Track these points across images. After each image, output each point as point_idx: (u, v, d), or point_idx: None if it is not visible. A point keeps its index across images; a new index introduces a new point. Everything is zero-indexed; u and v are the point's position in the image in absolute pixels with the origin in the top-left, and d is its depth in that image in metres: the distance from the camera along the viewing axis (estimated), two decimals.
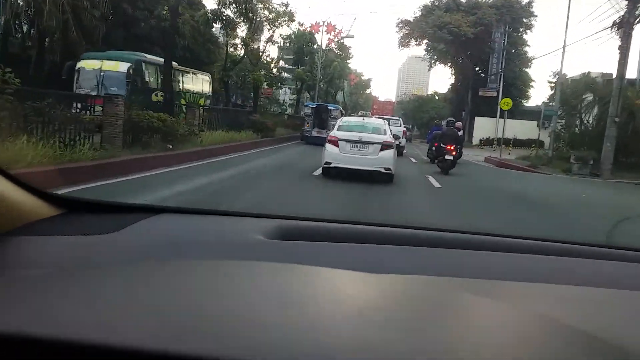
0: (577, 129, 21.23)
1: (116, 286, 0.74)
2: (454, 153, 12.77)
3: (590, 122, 20.78)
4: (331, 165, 9.62)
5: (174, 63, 16.73)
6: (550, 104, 24.72)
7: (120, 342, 0.51)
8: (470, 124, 42.28)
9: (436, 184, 10.65)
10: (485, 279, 1.03)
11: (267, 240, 1.17)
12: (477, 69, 42.93)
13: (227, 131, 15.26)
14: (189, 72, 21.74)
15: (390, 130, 11.11)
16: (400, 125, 22.66)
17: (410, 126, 65.83)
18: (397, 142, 11.63)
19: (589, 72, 22.64)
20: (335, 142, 9.73)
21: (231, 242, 1.21)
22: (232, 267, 0.92)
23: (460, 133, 14.01)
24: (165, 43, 17.67)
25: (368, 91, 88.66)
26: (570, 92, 21.10)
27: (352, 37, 46.57)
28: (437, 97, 68.50)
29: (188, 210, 1.47)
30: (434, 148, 15.18)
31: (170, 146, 11.15)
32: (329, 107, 24.53)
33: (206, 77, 23.62)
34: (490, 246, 1.30)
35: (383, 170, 9.52)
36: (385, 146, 9.65)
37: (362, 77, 73.66)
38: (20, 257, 1.01)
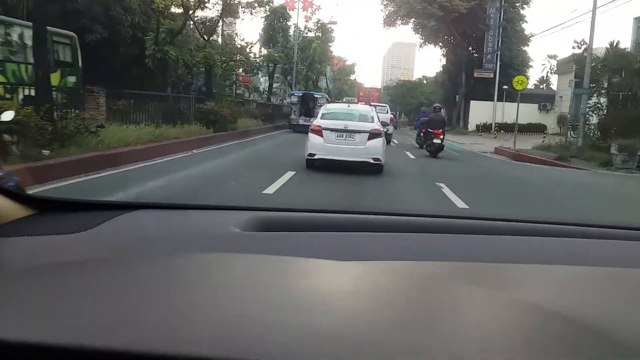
0: (604, 111, 17.33)
1: (90, 285, 0.73)
2: (442, 137, 13.68)
3: (621, 102, 16.91)
4: (315, 157, 8.85)
5: None
6: (571, 81, 20.75)
7: (91, 342, 0.51)
8: (465, 109, 38.56)
9: (461, 204, 6.64)
10: (468, 262, 1.03)
11: (243, 232, 1.17)
12: (471, 48, 39.06)
13: (157, 126, 11.13)
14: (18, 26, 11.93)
15: (378, 118, 10.14)
16: (387, 112, 22.35)
17: (397, 112, 62.82)
18: (384, 130, 10.58)
19: (617, 43, 18.73)
20: (318, 132, 8.97)
21: (207, 235, 1.20)
22: (208, 260, 0.91)
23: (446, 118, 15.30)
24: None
25: (352, 77, 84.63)
26: (599, 68, 17.12)
27: (334, 23, 44.78)
28: (425, 82, 64.71)
29: (164, 205, 1.48)
30: (422, 134, 15.71)
31: (47, 152, 7.41)
32: (315, 95, 24.93)
33: (64, 39, 13.66)
34: (472, 229, 1.32)
35: (372, 161, 8.82)
36: (373, 135, 8.94)
37: (346, 62, 69.36)
38: None
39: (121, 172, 7.74)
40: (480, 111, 36.75)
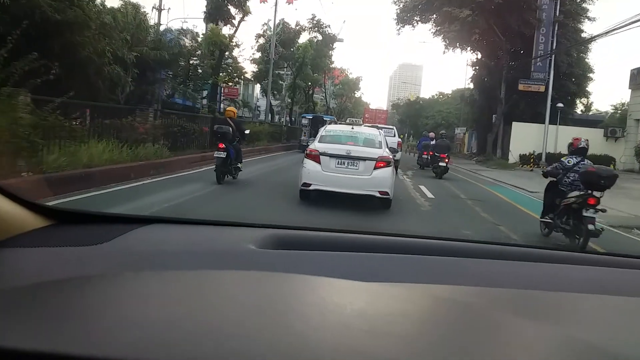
0: None
1: (106, 297, 0.74)
2: (447, 161, 15.55)
3: None
4: (310, 188, 7.34)
5: None
6: None
7: (109, 353, 0.52)
8: (505, 133, 28.63)
9: None
10: (480, 287, 1.03)
11: (258, 249, 1.17)
12: (514, 51, 29.26)
13: None
14: None
15: (387, 143, 8.31)
16: (395, 136, 19.71)
17: (405, 135, 54.23)
18: (392, 157, 8.49)
19: None
20: (315, 157, 7.44)
21: (222, 251, 1.20)
22: (223, 276, 0.92)
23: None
24: None
25: (357, 94, 75.18)
26: None
27: (341, 40, 42.31)
28: (442, 99, 55.21)
29: (179, 220, 1.49)
30: (424, 156, 18.71)
31: None
32: (324, 118, 25.61)
33: None
34: (482, 254, 1.33)
35: (378, 195, 7.28)
36: (381, 163, 7.37)
37: (349, 75, 59.89)
38: (8, 270, 1.00)
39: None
40: (525, 136, 26.92)
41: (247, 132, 10.64)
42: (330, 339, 0.60)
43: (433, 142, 17.55)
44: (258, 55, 31.97)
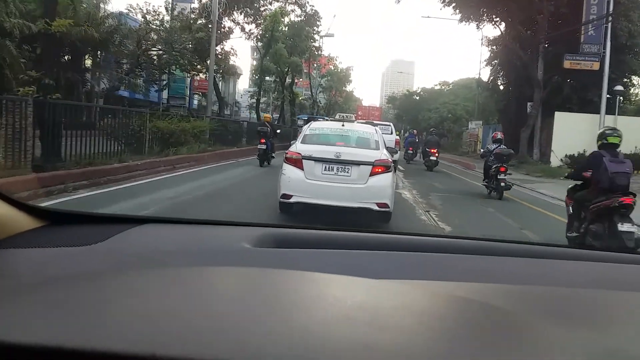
0: None
1: (100, 295, 0.74)
2: (437, 155, 17.65)
3: None
4: (291, 200, 5.87)
5: None
6: None
7: (106, 346, 0.53)
8: (544, 127, 21.47)
9: None
10: (472, 282, 1.03)
11: (253, 248, 1.17)
12: (555, 15, 21.94)
13: None
14: None
15: (385, 143, 6.77)
16: (392, 133, 17.96)
17: (402, 132, 48.02)
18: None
19: None
20: (297, 162, 5.91)
21: (217, 250, 1.20)
22: (219, 273, 0.92)
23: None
24: None
25: (349, 88, 67.77)
26: None
27: (331, 35, 39.52)
28: (447, 89, 47.92)
29: (172, 220, 1.50)
30: (409, 151, 21.12)
31: None
32: (319, 119, 24.18)
33: None
34: (478, 250, 1.32)
35: (375, 208, 5.75)
36: (378, 168, 5.85)
37: (338, 63, 52.34)
38: (2, 270, 1.00)
39: None
40: (571, 130, 19.80)
41: (278, 131, 16.52)
42: (334, 331, 0.61)
43: (417, 139, 20.06)
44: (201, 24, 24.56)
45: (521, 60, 21.80)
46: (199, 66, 29.24)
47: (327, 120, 14.54)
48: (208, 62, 22.30)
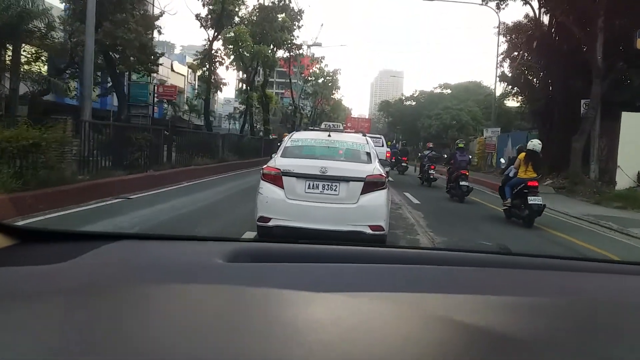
0: None
1: (71, 314, 0.74)
2: (407, 161, 21.38)
3: None
4: (270, 224, 5.04)
5: None
6: None
7: None
8: (605, 131, 15.57)
9: None
10: (451, 294, 1.02)
11: (227, 263, 1.16)
12: None
13: None
14: None
15: (377, 155, 5.93)
16: (383, 145, 17.20)
17: (395, 142, 42.85)
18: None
19: None
20: (276, 179, 5.12)
21: (191, 266, 1.18)
22: (191, 290, 0.92)
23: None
24: None
25: (337, 96, 61.78)
26: None
27: (319, 44, 40.35)
28: (449, 92, 42.07)
29: (146, 236, 1.54)
30: (392, 160, 20.92)
31: None
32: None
33: None
34: (455, 261, 1.32)
35: (368, 232, 5.00)
36: (371, 185, 5.08)
37: (324, 66, 46.22)
38: None
39: None
40: None
41: None
42: (308, 353, 0.60)
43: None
44: None
45: (575, 40, 15.77)
46: (153, 66, 23.31)
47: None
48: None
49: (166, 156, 12.57)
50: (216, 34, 20.64)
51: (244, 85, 27.45)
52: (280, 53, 31.04)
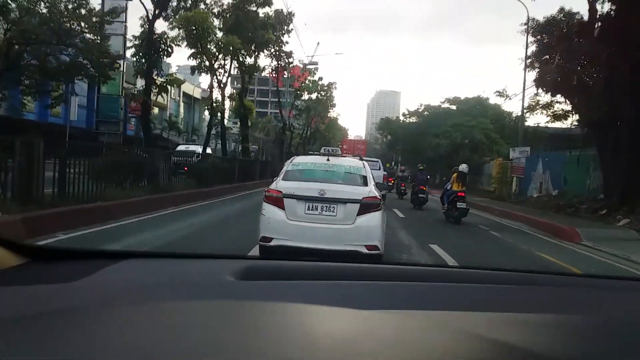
0: None
1: (82, 333, 0.74)
2: (393, 182, 22.25)
3: None
4: (271, 243, 5.45)
5: None
6: None
7: None
8: None
9: None
10: (454, 311, 1.02)
11: (236, 280, 1.16)
12: None
13: None
14: None
15: (374, 179, 6.52)
16: (380, 169, 18.23)
17: (392, 164, 38.83)
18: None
19: None
20: (277, 201, 5.57)
21: (200, 284, 1.19)
22: (202, 307, 0.92)
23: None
24: None
25: (333, 114, 57.39)
26: None
27: (315, 63, 40.01)
28: (455, 107, 37.68)
29: (155, 254, 1.58)
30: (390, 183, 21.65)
31: None
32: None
33: None
34: (458, 278, 1.35)
35: (365, 251, 5.40)
36: (367, 207, 5.57)
37: (318, 80, 41.85)
38: None
39: None
40: None
41: None
42: None
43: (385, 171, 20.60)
44: None
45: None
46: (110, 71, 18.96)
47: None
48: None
49: (57, 184, 7.89)
50: (158, 10, 16.15)
51: (211, 90, 22.89)
52: (268, 61, 26.92)
